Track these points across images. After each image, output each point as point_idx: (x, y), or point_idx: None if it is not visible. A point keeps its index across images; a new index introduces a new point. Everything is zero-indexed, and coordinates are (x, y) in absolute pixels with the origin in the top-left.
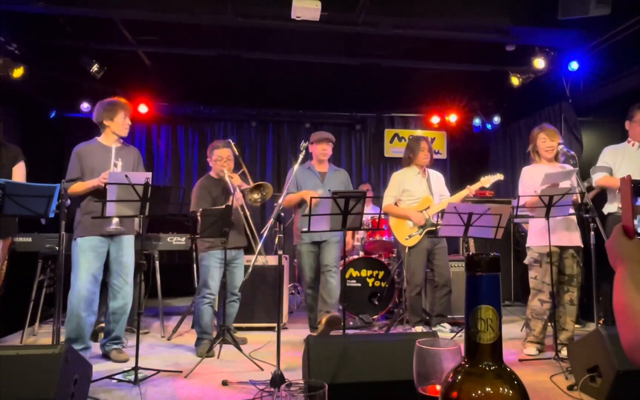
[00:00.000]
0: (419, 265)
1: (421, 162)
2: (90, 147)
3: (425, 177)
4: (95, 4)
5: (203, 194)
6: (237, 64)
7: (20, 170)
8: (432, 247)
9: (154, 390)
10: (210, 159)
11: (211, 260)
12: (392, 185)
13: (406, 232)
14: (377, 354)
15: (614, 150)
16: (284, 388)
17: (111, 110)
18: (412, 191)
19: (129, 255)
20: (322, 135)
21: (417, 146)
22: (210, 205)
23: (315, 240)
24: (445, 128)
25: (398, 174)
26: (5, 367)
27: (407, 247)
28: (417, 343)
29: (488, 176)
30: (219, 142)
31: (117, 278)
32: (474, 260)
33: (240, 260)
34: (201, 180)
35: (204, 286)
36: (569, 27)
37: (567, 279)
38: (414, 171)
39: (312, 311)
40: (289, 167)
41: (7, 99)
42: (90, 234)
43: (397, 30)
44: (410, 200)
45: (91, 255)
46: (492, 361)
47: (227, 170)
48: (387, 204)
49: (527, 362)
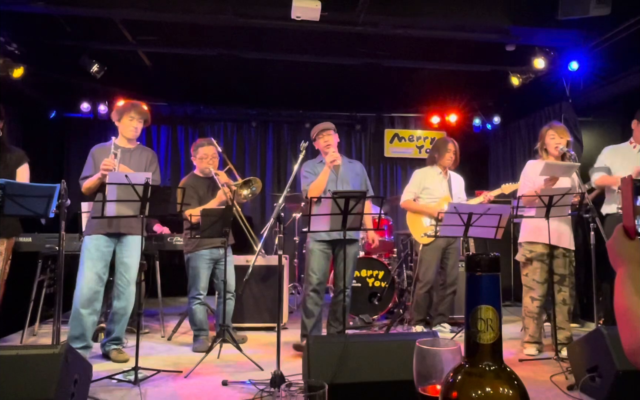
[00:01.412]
0: (432, 262)
1: (445, 163)
2: (104, 147)
3: (446, 178)
4: (95, 4)
5: (190, 194)
6: (237, 64)
7: (24, 172)
8: (446, 246)
9: (154, 390)
10: (194, 157)
11: (199, 260)
12: (413, 182)
13: (422, 229)
14: (377, 354)
15: (613, 151)
16: (284, 388)
17: (119, 112)
18: (432, 190)
19: (134, 256)
20: (319, 128)
21: (444, 147)
22: (198, 205)
23: (333, 239)
24: (445, 128)
25: (420, 171)
26: (5, 367)
27: (421, 244)
28: (417, 343)
29: (510, 183)
30: (203, 140)
31: (120, 278)
32: (474, 260)
33: (230, 257)
34: (186, 179)
35: (192, 287)
36: (569, 27)
37: (558, 279)
38: (436, 171)
39: (310, 317)
40: (289, 167)
41: (7, 99)
42: (96, 233)
43: (397, 30)
44: (429, 199)
45: (95, 254)
46: (492, 361)
47: (212, 168)
48: (406, 199)
49: (527, 362)
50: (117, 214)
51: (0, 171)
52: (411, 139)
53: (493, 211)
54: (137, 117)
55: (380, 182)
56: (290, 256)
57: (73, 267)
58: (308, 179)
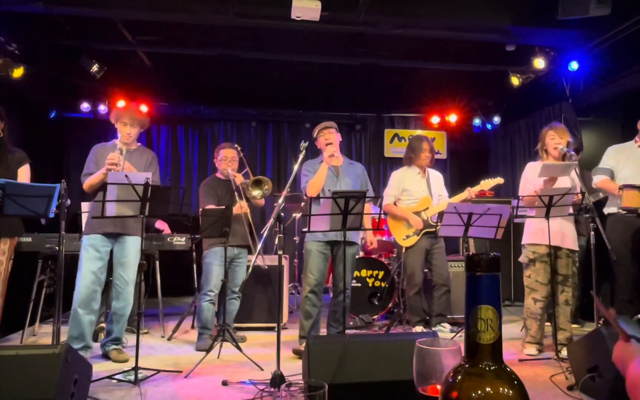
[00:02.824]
0: (417, 265)
1: (422, 163)
2: (105, 147)
3: (425, 177)
4: (95, 4)
5: (210, 192)
6: (237, 64)
7: (25, 172)
8: (430, 247)
9: (154, 390)
10: (216, 159)
11: (214, 258)
12: (392, 185)
13: (403, 232)
14: (377, 354)
15: (617, 150)
16: (284, 388)
17: (114, 117)
18: (412, 191)
19: (132, 256)
20: (319, 127)
21: (418, 146)
22: (216, 204)
23: (331, 240)
24: (445, 128)
25: (398, 173)
26: (5, 367)
27: (404, 247)
28: (417, 343)
29: (488, 180)
30: (225, 144)
31: (119, 278)
32: (474, 260)
33: (244, 258)
34: (207, 180)
35: (205, 283)
36: (569, 27)
37: (561, 279)
38: (414, 171)
39: (308, 319)
40: (289, 167)
41: (7, 99)
42: (93, 232)
43: (397, 30)
44: (409, 200)
45: (93, 254)
46: (492, 361)
47: (231, 169)
48: (386, 203)
49: (527, 362)
50: (118, 214)
51: (2, 172)
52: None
53: (493, 211)
54: (129, 123)
55: (380, 182)
56: (290, 256)
57: (73, 267)
58: (307, 177)
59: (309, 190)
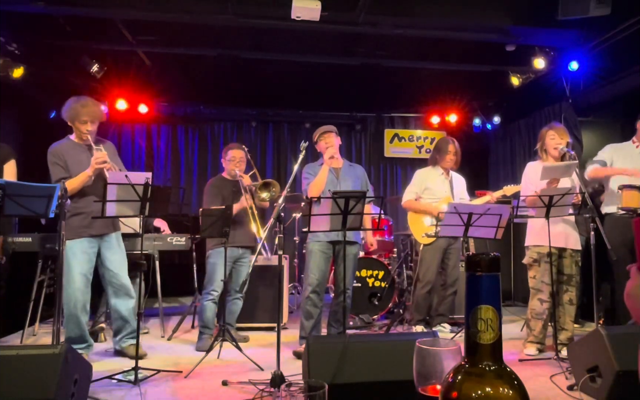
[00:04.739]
0: (433, 263)
1: (446, 165)
2: (61, 145)
3: (448, 179)
4: (95, 4)
5: (215, 192)
6: (237, 64)
7: (11, 168)
8: (447, 247)
9: (154, 390)
10: (224, 159)
11: (218, 257)
12: (415, 182)
13: (424, 229)
14: (377, 354)
15: (615, 148)
16: (284, 388)
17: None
18: (434, 190)
19: (120, 252)
20: (320, 130)
21: (444, 148)
22: (220, 204)
23: (332, 240)
24: (445, 128)
25: (422, 171)
26: (5, 367)
27: (422, 244)
28: (417, 343)
29: (511, 185)
30: (234, 144)
31: (114, 277)
32: (474, 260)
33: (247, 259)
34: (213, 180)
35: (209, 283)
36: (569, 27)
37: (565, 278)
38: (438, 171)
39: (309, 319)
40: (289, 167)
41: (7, 99)
42: (79, 237)
43: (397, 30)
44: (430, 199)
45: (82, 257)
46: (492, 361)
47: (238, 170)
48: (408, 199)
49: (527, 362)
50: (118, 214)
51: None
52: (411, 139)
53: (493, 211)
54: (90, 120)
55: (380, 182)
56: (290, 256)
57: None
58: (308, 180)
59: (310, 192)
